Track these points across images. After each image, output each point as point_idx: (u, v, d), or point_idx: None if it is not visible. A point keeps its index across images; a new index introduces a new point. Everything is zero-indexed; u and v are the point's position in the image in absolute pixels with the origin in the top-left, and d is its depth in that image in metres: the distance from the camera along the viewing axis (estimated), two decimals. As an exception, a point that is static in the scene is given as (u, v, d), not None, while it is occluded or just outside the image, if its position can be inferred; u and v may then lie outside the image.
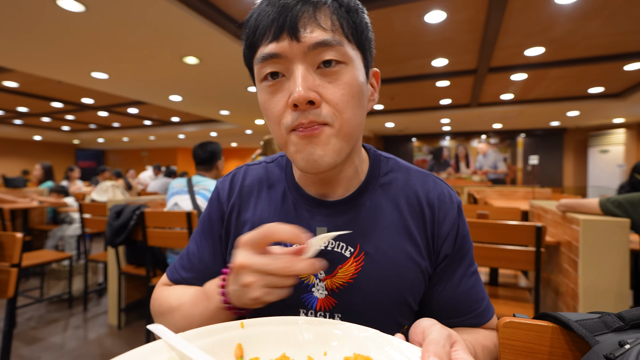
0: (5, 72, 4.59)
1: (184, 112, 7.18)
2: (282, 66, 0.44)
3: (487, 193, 5.42)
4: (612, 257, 1.56)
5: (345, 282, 0.53)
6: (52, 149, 12.68)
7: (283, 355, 0.35)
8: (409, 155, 10.85)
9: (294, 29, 0.42)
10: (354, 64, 0.46)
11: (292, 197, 0.57)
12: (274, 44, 0.43)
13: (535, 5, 2.75)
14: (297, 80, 0.43)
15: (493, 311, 0.59)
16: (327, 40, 0.43)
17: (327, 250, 0.54)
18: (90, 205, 2.92)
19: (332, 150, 0.45)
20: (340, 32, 0.44)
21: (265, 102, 0.47)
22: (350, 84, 0.45)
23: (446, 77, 4.69)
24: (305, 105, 0.43)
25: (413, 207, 0.55)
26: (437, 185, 0.58)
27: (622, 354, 0.33)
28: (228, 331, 0.37)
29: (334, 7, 0.44)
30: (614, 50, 3.75)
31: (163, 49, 3.40)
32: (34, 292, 3.18)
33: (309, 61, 0.44)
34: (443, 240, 0.55)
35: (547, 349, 0.43)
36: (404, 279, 0.53)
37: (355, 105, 0.46)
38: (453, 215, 0.56)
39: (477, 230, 1.61)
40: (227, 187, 0.62)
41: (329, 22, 0.44)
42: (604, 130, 8.37)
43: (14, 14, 2.61)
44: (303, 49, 0.43)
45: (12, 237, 1.35)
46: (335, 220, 0.54)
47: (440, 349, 0.31)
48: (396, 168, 0.59)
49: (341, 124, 0.45)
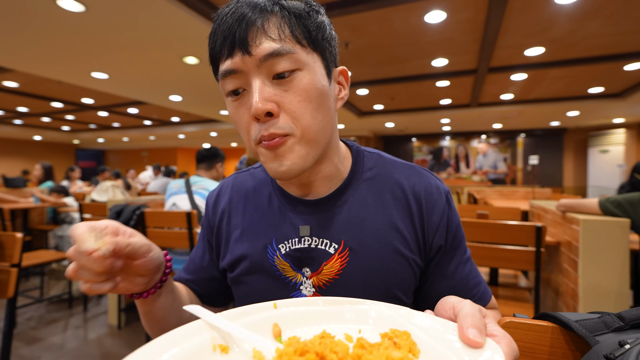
0: (5, 72, 4.59)
1: (184, 112, 7.18)
2: (241, 80, 0.46)
3: (487, 193, 5.42)
4: (612, 257, 1.56)
5: (331, 278, 0.53)
6: (52, 149, 12.68)
7: (324, 332, 0.35)
8: (409, 155, 10.85)
9: (243, 44, 0.43)
10: (310, 68, 0.46)
11: (277, 200, 0.58)
12: (229, 61, 0.45)
13: (535, 5, 2.75)
14: (254, 94, 0.44)
15: (490, 292, 0.60)
16: (277, 50, 0.44)
17: (311, 247, 0.54)
18: (90, 205, 2.92)
19: (298, 158, 0.47)
20: (291, 39, 0.45)
21: (233, 115, 0.49)
22: (307, 89, 0.46)
23: (446, 77, 4.69)
24: (264, 118, 0.45)
25: (399, 200, 0.55)
26: (423, 177, 0.57)
27: (622, 354, 0.33)
28: (262, 312, 0.37)
29: (282, 15, 0.45)
30: (614, 50, 3.75)
31: (163, 49, 3.40)
32: (34, 292, 3.18)
33: (264, 73, 0.45)
34: (434, 232, 0.55)
35: (547, 349, 0.43)
36: (391, 273, 0.53)
37: (315, 109, 0.47)
38: (441, 206, 0.55)
39: (477, 230, 1.61)
40: (215, 196, 0.66)
41: (277, 32, 0.44)
42: (604, 130, 8.37)
43: (14, 14, 2.61)
44: (256, 62, 0.44)
45: (12, 237, 1.35)
46: (317, 218, 0.55)
47: (477, 321, 0.31)
48: (380, 162, 0.59)
49: (302, 131, 0.46)
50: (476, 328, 0.30)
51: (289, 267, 0.55)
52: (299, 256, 0.54)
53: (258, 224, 0.58)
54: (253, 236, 0.58)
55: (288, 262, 0.55)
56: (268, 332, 0.36)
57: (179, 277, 0.66)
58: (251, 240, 0.58)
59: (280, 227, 0.56)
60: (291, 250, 0.55)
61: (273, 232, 0.56)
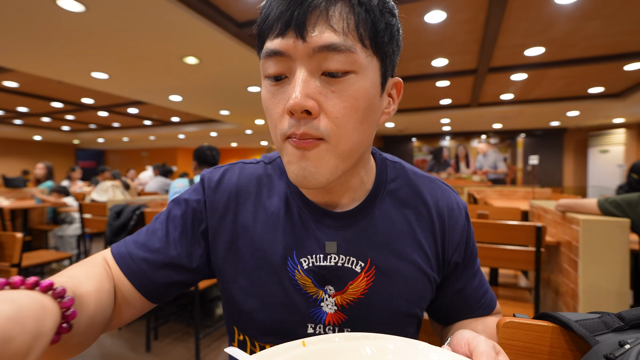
0: (5, 72, 4.59)
1: (184, 112, 7.18)
2: (284, 66, 0.40)
3: (487, 193, 5.42)
4: (612, 257, 1.56)
5: (356, 298, 0.50)
6: (52, 149, 12.68)
7: None
8: (409, 155, 10.85)
9: (301, 27, 0.38)
10: (365, 73, 0.41)
11: (296, 205, 0.52)
12: (278, 40, 0.39)
13: (535, 5, 2.75)
14: (296, 86, 0.39)
15: (495, 297, 0.60)
16: (336, 44, 0.38)
17: (337, 266, 0.50)
18: (90, 205, 2.92)
19: (326, 168, 0.41)
20: (355, 36, 0.39)
21: (267, 100, 0.43)
22: (357, 96, 0.40)
23: (446, 77, 4.69)
24: (301, 114, 0.39)
25: (422, 217, 0.53)
26: (445, 193, 0.56)
27: (622, 354, 0.33)
28: (293, 350, 0.37)
29: (351, 4, 0.39)
30: (614, 50, 3.75)
31: (163, 49, 3.40)
32: (34, 292, 3.18)
33: (313, 64, 0.39)
34: (454, 250, 0.54)
35: (547, 349, 0.43)
36: (414, 291, 0.52)
37: (358, 120, 0.41)
38: (462, 223, 0.55)
39: (477, 230, 1.61)
40: (215, 181, 0.54)
41: (342, 23, 0.38)
42: (604, 130, 8.37)
43: (14, 14, 2.61)
44: (308, 50, 0.38)
45: (12, 237, 1.35)
46: (344, 233, 0.50)
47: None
48: (402, 173, 0.56)
49: (339, 141, 0.41)
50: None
51: (310, 283, 0.50)
52: (323, 274, 0.50)
53: (274, 231, 0.51)
54: (269, 245, 0.51)
55: (310, 278, 0.50)
56: None
57: (127, 253, 0.50)
58: (267, 249, 0.51)
59: (302, 239, 0.50)
60: (315, 267, 0.50)
61: (294, 244, 0.50)
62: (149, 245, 0.51)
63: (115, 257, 0.50)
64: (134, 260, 0.49)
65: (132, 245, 0.51)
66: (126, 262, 0.49)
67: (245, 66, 3.90)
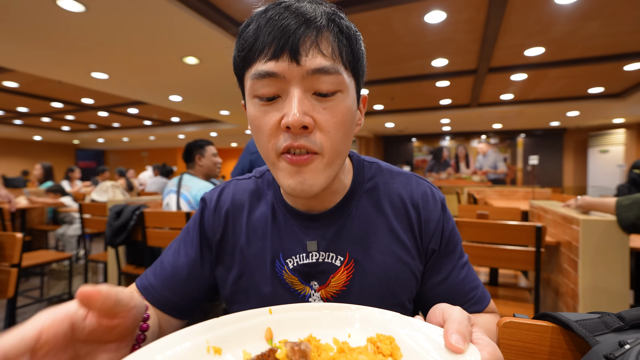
0: (5, 72, 4.59)
1: (184, 112, 7.18)
2: (277, 87, 0.44)
3: (487, 193, 5.42)
4: (612, 257, 1.56)
5: (338, 290, 0.55)
6: (52, 149, 12.68)
7: (310, 336, 0.37)
8: (409, 155, 10.85)
9: (295, 52, 0.42)
10: (348, 91, 0.46)
11: (281, 213, 0.58)
12: (272, 63, 0.43)
13: (535, 5, 2.75)
14: (293, 104, 0.42)
15: (489, 296, 0.61)
16: (327, 67, 0.43)
17: (319, 262, 0.55)
18: (90, 205, 2.92)
19: (321, 179, 0.46)
20: (339, 60, 0.45)
21: (257, 119, 0.46)
22: (344, 112, 0.46)
23: (446, 77, 4.69)
24: (298, 130, 0.43)
25: (398, 210, 0.57)
26: (420, 185, 0.59)
27: (622, 354, 0.33)
28: (258, 317, 0.39)
29: (335, 33, 0.45)
30: (614, 50, 3.75)
31: (163, 49, 3.40)
32: (34, 292, 3.18)
33: (306, 84, 0.43)
34: (430, 238, 0.57)
35: (547, 349, 0.43)
36: (396, 282, 0.55)
37: (345, 133, 0.47)
38: (437, 213, 0.57)
39: (477, 230, 1.61)
40: (215, 200, 0.62)
41: (330, 49, 0.44)
42: (604, 131, 8.37)
43: (14, 14, 2.62)
44: (302, 73, 0.43)
45: (12, 237, 1.35)
46: (323, 232, 0.56)
47: (463, 327, 0.32)
48: (379, 172, 0.60)
49: (330, 152, 0.46)
50: (460, 334, 0.31)
51: (297, 281, 0.56)
52: (307, 271, 0.55)
53: (264, 237, 0.58)
54: (260, 249, 0.57)
55: (296, 276, 0.56)
56: (261, 336, 0.38)
57: (149, 284, 0.59)
58: (258, 253, 0.57)
59: (286, 242, 0.56)
60: (299, 265, 0.56)
61: (280, 247, 0.56)
62: (165, 274, 0.59)
63: (140, 290, 0.59)
64: (156, 290, 0.58)
65: (152, 277, 0.60)
66: (150, 293, 0.58)
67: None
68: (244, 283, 0.58)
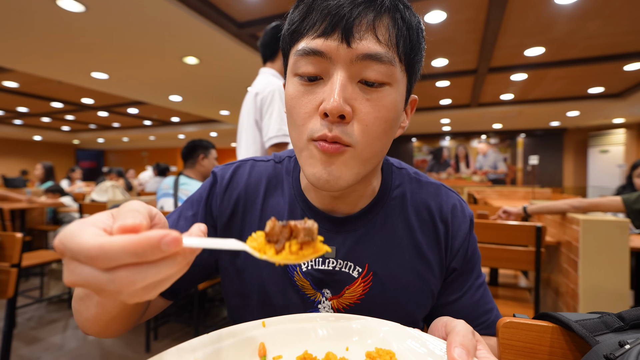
0: (5, 72, 4.59)
1: (184, 112, 7.18)
2: (321, 66, 0.40)
3: (487, 193, 5.42)
4: (612, 257, 1.56)
5: (352, 302, 0.51)
6: (52, 149, 12.67)
7: (305, 352, 0.35)
8: (409, 155, 10.85)
9: (347, 32, 0.38)
10: (398, 86, 0.42)
11: (300, 209, 0.53)
12: (320, 40, 0.39)
13: (535, 5, 2.75)
14: (335, 88, 0.38)
15: None
16: (379, 54, 0.39)
17: (335, 270, 0.51)
18: (90, 205, 2.92)
19: (350, 174, 0.42)
20: (395, 49, 0.40)
21: (293, 99, 0.42)
22: (389, 107, 0.41)
23: (446, 77, 4.69)
24: (336, 118, 0.39)
25: (425, 223, 0.53)
26: (450, 198, 0.55)
27: (622, 354, 0.33)
28: (251, 331, 0.37)
29: (397, 19, 0.40)
30: (614, 50, 3.75)
31: (163, 49, 3.40)
32: (34, 292, 3.18)
33: (353, 70, 0.39)
34: (454, 256, 0.53)
35: (547, 349, 0.43)
36: (412, 299, 0.51)
37: (385, 131, 0.42)
38: (465, 231, 0.54)
39: (477, 230, 1.61)
40: (227, 179, 0.55)
41: (387, 35, 0.39)
42: (604, 131, 8.37)
43: (14, 14, 2.61)
44: (351, 56, 0.39)
45: (12, 237, 1.35)
46: (343, 239, 0.51)
47: (467, 341, 0.30)
48: (407, 179, 0.56)
49: (364, 148, 0.41)
50: (464, 347, 0.30)
51: (308, 285, 0.52)
52: (320, 277, 0.51)
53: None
54: None
55: (308, 280, 0.52)
56: (254, 352, 0.36)
57: None
58: None
59: None
60: (313, 270, 0.51)
61: None
62: None
63: None
64: None
65: None
66: None
67: (245, 66, 3.90)
68: (249, 277, 0.53)
